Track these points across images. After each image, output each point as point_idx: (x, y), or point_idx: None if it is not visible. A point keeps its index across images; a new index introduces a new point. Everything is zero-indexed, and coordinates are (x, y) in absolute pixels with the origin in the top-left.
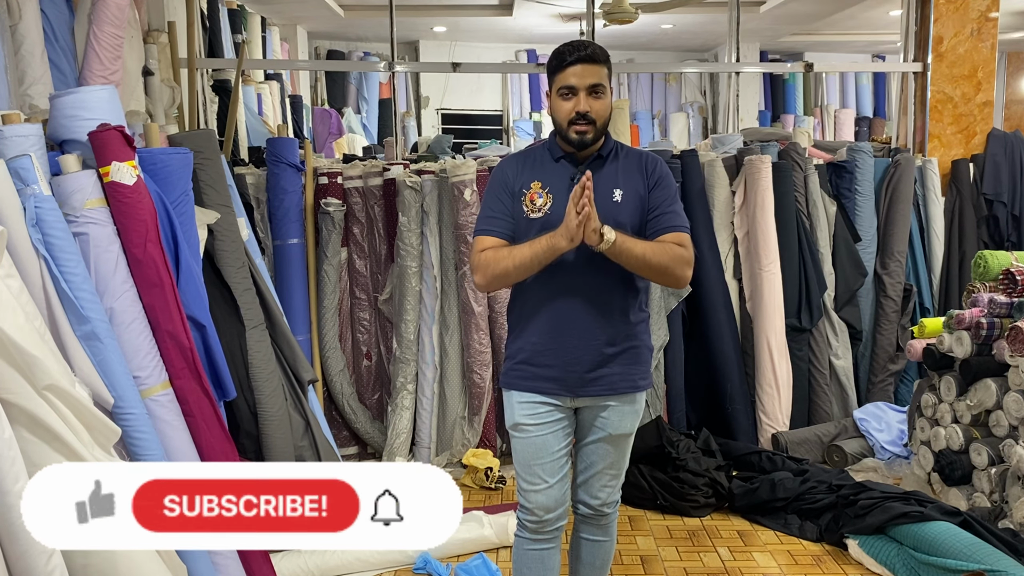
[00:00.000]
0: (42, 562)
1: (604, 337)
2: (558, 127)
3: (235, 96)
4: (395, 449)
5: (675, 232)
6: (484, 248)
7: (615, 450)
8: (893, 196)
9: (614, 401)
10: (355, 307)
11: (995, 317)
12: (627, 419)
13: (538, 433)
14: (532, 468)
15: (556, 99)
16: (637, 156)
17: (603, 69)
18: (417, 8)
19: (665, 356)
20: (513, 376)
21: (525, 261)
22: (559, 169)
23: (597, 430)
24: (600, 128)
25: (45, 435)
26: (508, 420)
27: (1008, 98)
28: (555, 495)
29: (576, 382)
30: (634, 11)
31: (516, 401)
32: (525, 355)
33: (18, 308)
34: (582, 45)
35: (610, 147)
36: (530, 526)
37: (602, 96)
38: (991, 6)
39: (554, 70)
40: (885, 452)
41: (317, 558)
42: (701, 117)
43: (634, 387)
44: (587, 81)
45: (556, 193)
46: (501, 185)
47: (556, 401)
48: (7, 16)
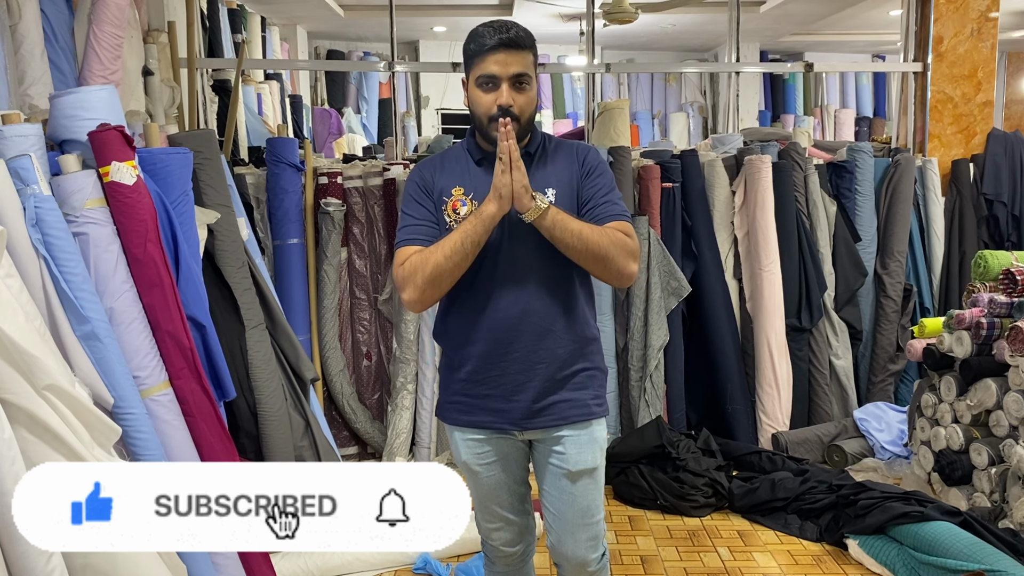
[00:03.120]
0: (42, 563)
1: (550, 360)
2: (477, 123)
3: (235, 96)
4: (395, 449)
5: (616, 220)
6: (406, 258)
7: (581, 492)
8: (893, 196)
9: (567, 431)
10: (355, 307)
11: (995, 317)
12: (586, 451)
13: (488, 474)
14: (490, 508)
15: (474, 90)
16: (567, 148)
17: (529, 56)
18: (417, 8)
19: (665, 356)
20: (449, 410)
21: (456, 246)
22: (482, 173)
23: (555, 468)
24: (525, 125)
25: (45, 435)
26: (455, 458)
27: (1008, 98)
28: (518, 530)
29: (521, 413)
30: (634, 11)
31: (459, 439)
32: (460, 385)
33: (18, 308)
34: (504, 27)
35: (537, 142)
36: (498, 561)
37: (527, 87)
38: (991, 6)
39: (472, 55)
40: (885, 452)
41: (317, 558)
42: (701, 117)
43: (588, 414)
44: (511, 70)
45: (481, 199)
46: (420, 189)
47: (501, 436)
48: (7, 16)
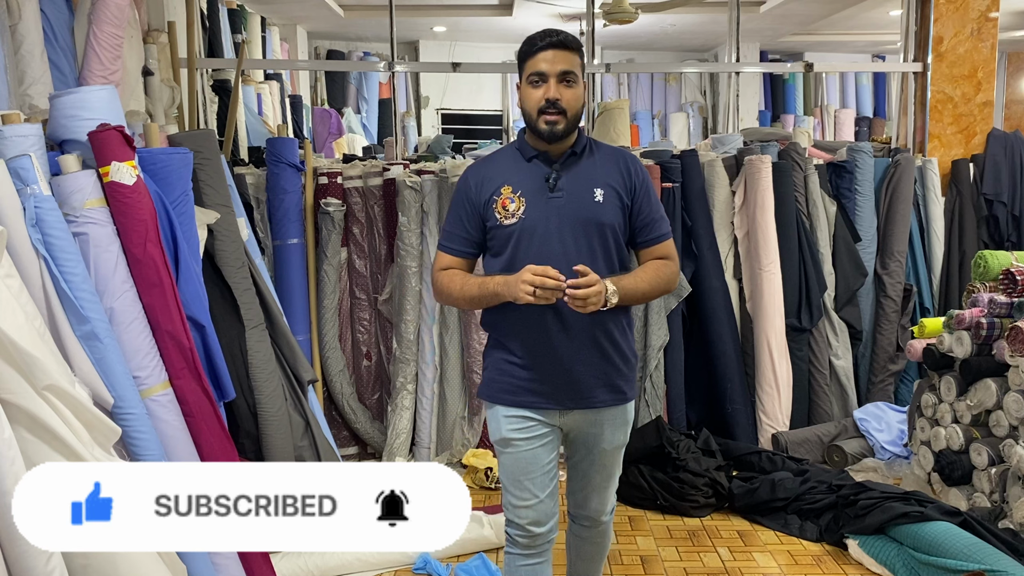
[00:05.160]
0: (42, 563)
1: (591, 349)
2: (527, 118)
3: (235, 96)
4: (395, 449)
5: (664, 242)
6: (441, 267)
7: (610, 462)
8: (893, 196)
9: (605, 415)
10: (355, 307)
11: (995, 317)
12: (619, 432)
13: (528, 447)
14: (522, 483)
15: (526, 87)
16: (613, 153)
17: (575, 57)
18: (417, 8)
19: (665, 356)
20: (496, 388)
21: (473, 298)
22: (531, 169)
23: (590, 447)
24: (572, 120)
25: (45, 435)
26: (493, 434)
27: (1008, 98)
28: (545, 509)
29: (565, 396)
30: (634, 11)
31: (502, 415)
32: (509, 367)
33: (18, 308)
34: (554, 31)
35: (583, 143)
36: (521, 542)
37: (574, 85)
38: (991, 6)
39: (524, 56)
40: (885, 452)
41: (317, 558)
42: (701, 117)
43: (623, 398)
44: (558, 67)
45: (529, 196)
46: (463, 196)
47: (542, 416)
48: (7, 16)
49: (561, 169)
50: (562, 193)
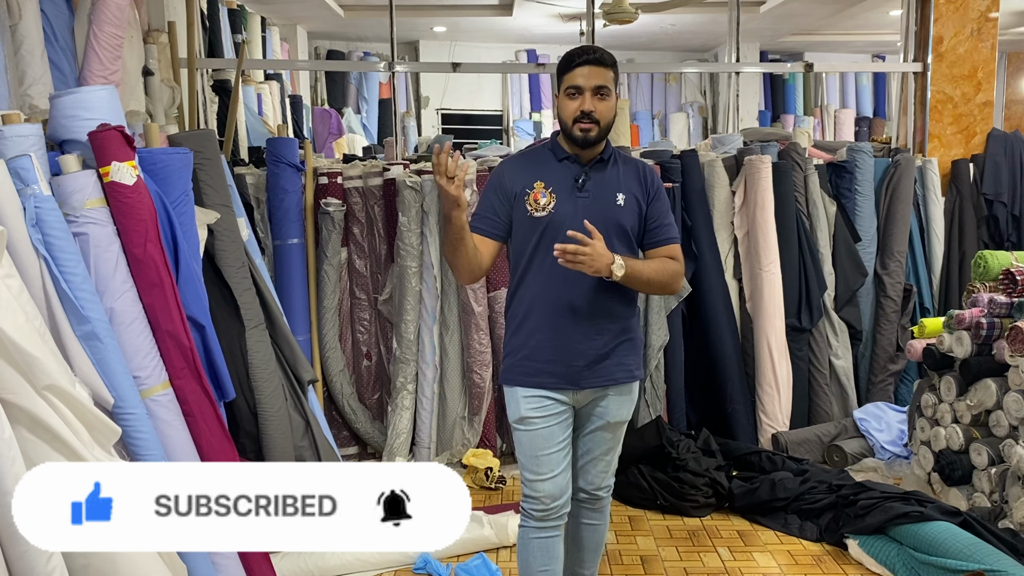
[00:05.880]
0: (42, 563)
1: (603, 332)
2: (563, 125)
3: (235, 96)
4: (395, 449)
5: (671, 244)
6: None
7: (612, 437)
8: (893, 196)
9: (613, 391)
10: (355, 307)
11: (995, 317)
12: (624, 407)
13: (544, 425)
14: (539, 459)
15: (563, 99)
16: (634, 164)
17: (609, 72)
18: (417, 8)
19: (665, 356)
20: (516, 372)
21: (446, 237)
22: (563, 169)
23: (596, 419)
24: (603, 129)
25: (45, 435)
26: (512, 415)
27: (1008, 98)
28: (561, 483)
29: (578, 375)
30: (634, 11)
31: (521, 396)
32: (527, 351)
33: (18, 308)
34: (591, 49)
35: (610, 152)
36: (536, 515)
37: (607, 98)
38: (991, 6)
39: (563, 71)
40: (885, 452)
41: (317, 558)
42: (701, 117)
43: (631, 377)
44: (593, 82)
45: (559, 192)
46: (497, 185)
47: (559, 396)
48: (7, 16)
49: (590, 172)
50: (588, 194)
